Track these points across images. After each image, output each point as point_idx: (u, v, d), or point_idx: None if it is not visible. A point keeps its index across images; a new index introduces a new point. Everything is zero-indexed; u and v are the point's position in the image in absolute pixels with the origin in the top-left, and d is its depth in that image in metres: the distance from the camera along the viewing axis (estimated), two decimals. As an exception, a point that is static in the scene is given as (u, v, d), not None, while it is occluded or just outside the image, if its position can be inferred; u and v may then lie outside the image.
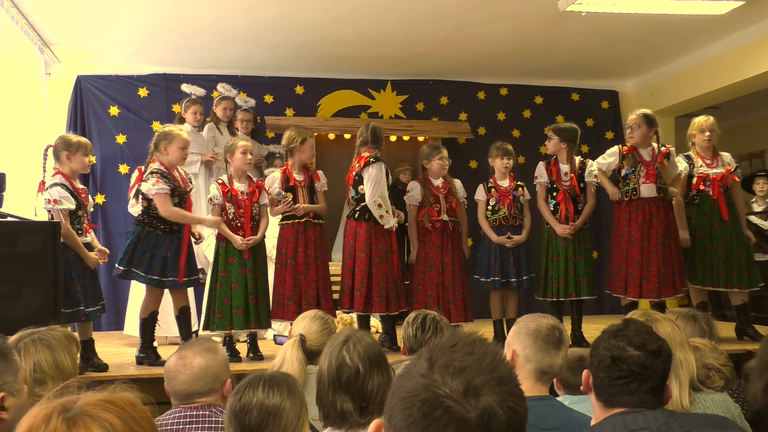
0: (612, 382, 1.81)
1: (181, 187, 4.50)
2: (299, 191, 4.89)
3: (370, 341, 2.10)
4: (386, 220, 4.92)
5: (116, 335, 6.05)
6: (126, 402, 1.09)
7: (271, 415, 1.90)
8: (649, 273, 4.87)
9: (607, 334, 1.90)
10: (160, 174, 4.40)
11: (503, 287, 5.19)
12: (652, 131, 5.01)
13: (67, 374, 2.30)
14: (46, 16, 5.82)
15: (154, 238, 4.41)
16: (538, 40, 6.58)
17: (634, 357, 1.81)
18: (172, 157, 4.46)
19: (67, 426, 1.02)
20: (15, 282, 3.74)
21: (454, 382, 0.93)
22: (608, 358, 1.83)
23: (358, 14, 5.86)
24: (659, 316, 2.29)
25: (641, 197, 4.96)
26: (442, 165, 5.17)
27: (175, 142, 4.45)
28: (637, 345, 1.83)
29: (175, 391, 2.28)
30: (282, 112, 7.38)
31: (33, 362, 2.22)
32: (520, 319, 2.44)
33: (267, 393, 1.93)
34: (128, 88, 7.14)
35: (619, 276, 5.00)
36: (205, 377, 2.27)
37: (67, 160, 4.31)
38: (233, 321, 4.64)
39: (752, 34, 6.44)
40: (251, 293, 4.66)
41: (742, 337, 5.05)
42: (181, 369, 2.27)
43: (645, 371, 1.81)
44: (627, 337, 1.85)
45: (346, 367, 2.01)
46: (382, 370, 2.04)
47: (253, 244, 4.69)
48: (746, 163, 9.62)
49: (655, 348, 1.84)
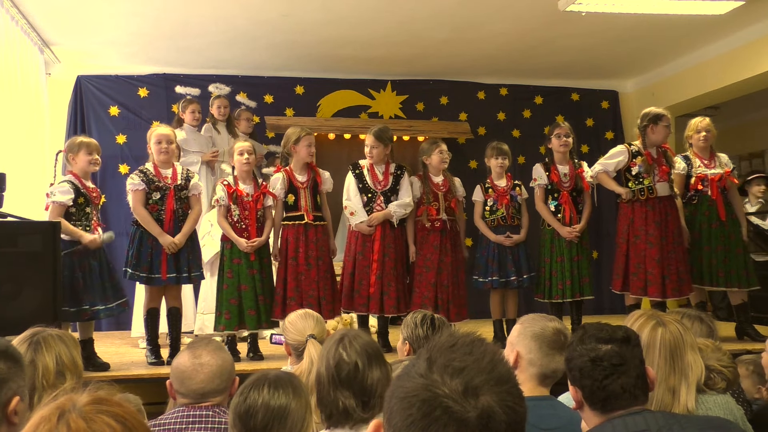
0: (601, 384, 1.81)
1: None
2: (302, 193, 4.88)
3: (366, 338, 2.11)
4: (352, 220, 4.95)
5: (117, 335, 6.05)
6: (116, 403, 1.09)
7: (277, 416, 1.89)
8: (671, 272, 4.88)
9: (573, 345, 1.90)
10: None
11: (502, 287, 5.19)
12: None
13: (80, 370, 2.36)
14: (46, 16, 5.82)
15: (139, 237, 4.50)
16: (538, 40, 6.57)
17: (608, 351, 1.82)
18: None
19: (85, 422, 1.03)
20: (15, 282, 3.74)
21: (453, 382, 0.93)
22: (587, 363, 1.83)
23: (358, 14, 5.86)
24: (669, 317, 2.27)
25: (658, 196, 4.96)
26: (441, 158, 5.14)
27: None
28: (605, 339, 1.85)
29: (190, 390, 2.25)
30: (282, 112, 7.38)
31: (55, 354, 2.26)
32: (523, 320, 2.41)
33: (272, 393, 1.92)
34: (128, 88, 7.14)
35: (638, 276, 4.94)
36: (221, 376, 2.27)
37: (73, 161, 4.42)
38: (246, 321, 4.66)
39: (752, 34, 6.44)
40: (260, 294, 4.69)
41: (742, 337, 5.05)
42: (198, 368, 2.24)
43: (624, 361, 1.81)
44: (592, 337, 1.87)
45: (345, 364, 2.00)
46: (380, 364, 2.04)
47: (258, 246, 4.70)
48: (746, 163, 9.62)
49: (622, 335, 1.86)
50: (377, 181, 5.01)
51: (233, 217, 4.73)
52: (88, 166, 4.42)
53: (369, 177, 5.01)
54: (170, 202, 4.51)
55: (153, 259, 4.47)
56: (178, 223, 4.54)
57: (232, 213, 4.74)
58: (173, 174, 4.59)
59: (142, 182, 4.48)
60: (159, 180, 4.53)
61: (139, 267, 4.46)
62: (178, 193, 4.56)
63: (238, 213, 4.73)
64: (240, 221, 4.72)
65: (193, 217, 4.62)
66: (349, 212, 5.01)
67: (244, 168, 4.81)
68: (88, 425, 1.03)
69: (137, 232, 4.52)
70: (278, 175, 4.93)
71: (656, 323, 2.19)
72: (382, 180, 5.02)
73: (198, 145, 6.13)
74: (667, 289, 4.88)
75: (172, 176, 4.58)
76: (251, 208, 4.73)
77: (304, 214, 4.85)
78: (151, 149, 4.58)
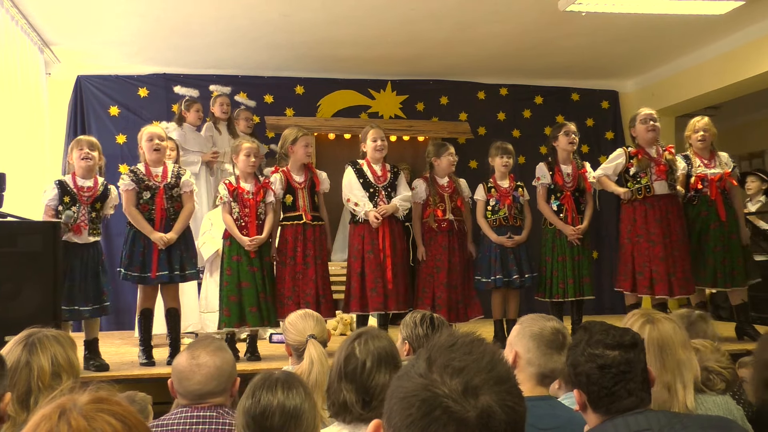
0: (610, 390, 1.79)
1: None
2: (299, 193, 4.89)
3: (385, 343, 2.10)
4: (358, 210, 4.92)
5: (117, 335, 6.05)
6: (116, 402, 1.09)
7: (293, 416, 1.89)
8: (676, 269, 4.88)
9: (578, 348, 1.87)
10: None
11: (504, 286, 5.20)
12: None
13: (77, 370, 2.34)
14: (46, 16, 5.82)
15: (132, 237, 4.51)
16: (538, 40, 6.58)
17: (617, 358, 1.80)
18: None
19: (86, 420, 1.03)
20: (15, 282, 3.74)
21: (453, 382, 0.93)
22: (595, 370, 1.81)
23: (358, 14, 5.86)
24: (660, 315, 2.27)
25: (656, 194, 4.96)
26: (450, 162, 5.17)
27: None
28: (613, 345, 1.82)
29: (188, 391, 2.23)
30: (282, 112, 7.38)
31: (50, 355, 2.25)
32: (522, 320, 2.41)
33: (287, 394, 1.91)
34: (128, 88, 7.14)
35: (644, 275, 4.93)
36: (219, 377, 2.24)
37: (71, 161, 4.47)
38: (248, 318, 4.65)
39: (752, 34, 6.44)
40: (261, 291, 4.69)
41: (742, 337, 5.05)
42: (196, 369, 2.23)
43: (632, 367, 1.80)
44: (599, 342, 1.84)
45: (354, 359, 2.02)
46: (390, 369, 2.03)
47: (259, 243, 4.70)
48: (746, 163, 9.62)
49: (629, 340, 1.83)
50: (377, 176, 5.02)
51: (233, 215, 4.74)
52: (80, 161, 4.40)
53: (369, 173, 5.02)
54: (160, 201, 4.50)
55: (145, 258, 4.46)
56: (170, 222, 4.53)
57: (232, 211, 4.74)
58: (164, 172, 4.58)
59: (132, 182, 4.49)
60: (149, 179, 4.52)
61: (131, 267, 4.46)
62: (168, 191, 4.55)
63: (238, 211, 4.73)
64: (240, 218, 4.73)
65: (185, 214, 4.60)
66: (353, 204, 4.96)
67: (248, 170, 4.81)
68: (88, 423, 1.03)
69: (130, 232, 4.52)
70: (276, 175, 4.93)
71: (645, 321, 2.21)
72: (381, 175, 5.03)
73: (198, 145, 6.14)
74: (674, 287, 4.88)
75: (162, 175, 4.57)
76: (252, 206, 4.73)
77: (302, 213, 4.85)
78: (143, 148, 4.57)
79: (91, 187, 4.43)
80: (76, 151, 4.41)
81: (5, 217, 4.00)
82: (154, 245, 4.45)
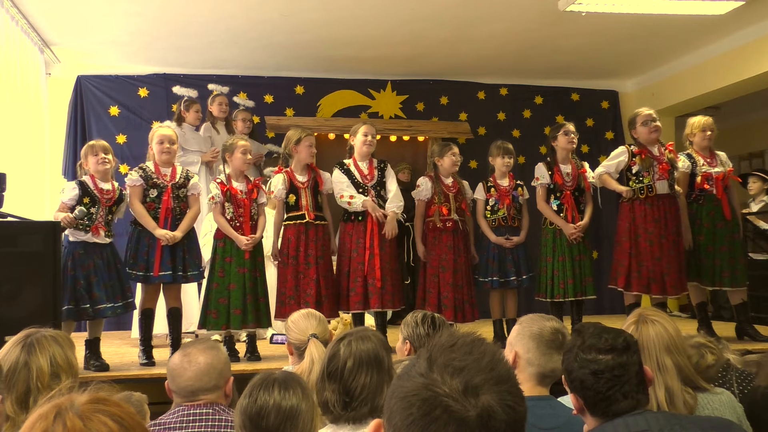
0: (604, 395, 1.79)
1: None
2: (302, 192, 4.88)
3: (370, 345, 2.07)
4: (354, 202, 4.90)
5: (117, 335, 6.04)
6: (114, 403, 1.09)
7: (289, 416, 1.89)
8: (670, 270, 4.88)
9: (571, 354, 1.86)
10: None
11: (502, 287, 5.20)
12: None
13: (76, 370, 2.35)
14: (46, 16, 5.82)
15: (137, 236, 4.53)
16: (538, 40, 6.58)
17: (609, 362, 1.79)
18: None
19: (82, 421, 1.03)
20: (15, 282, 3.74)
21: (453, 382, 0.93)
22: (589, 376, 1.80)
23: (358, 14, 5.86)
24: (652, 318, 2.25)
25: (657, 194, 4.96)
26: (453, 161, 5.17)
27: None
28: (605, 349, 1.81)
29: (180, 388, 2.28)
30: (282, 112, 7.38)
31: (49, 356, 2.25)
32: (522, 320, 2.42)
33: (283, 394, 1.92)
34: (128, 88, 7.14)
35: (640, 274, 4.94)
36: (210, 374, 2.28)
37: (86, 167, 4.52)
38: (230, 321, 4.63)
39: (752, 34, 6.44)
40: (249, 293, 4.66)
41: (742, 337, 5.05)
42: (186, 366, 2.27)
43: (625, 370, 1.79)
44: (591, 347, 1.83)
45: (336, 359, 2.02)
46: (372, 371, 2.01)
47: (254, 243, 4.70)
48: (746, 163, 9.63)
49: (622, 343, 1.82)
50: (364, 176, 5.01)
51: (227, 215, 4.72)
52: (97, 165, 4.46)
53: (356, 173, 5.01)
54: (167, 200, 4.53)
55: (149, 257, 4.48)
56: (176, 221, 4.54)
57: (225, 211, 4.73)
58: (173, 173, 4.62)
59: (140, 178, 4.53)
60: (158, 177, 4.55)
61: (135, 266, 4.49)
62: (176, 191, 4.57)
63: (232, 211, 4.72)
64: (234, 219, 4.72)
65: (191, 215, 4.63)
66: (347, 197, 4.92)
67: (244, 168, 4.81)
68: (84, 424, 1.02)
69: (135, 231, 4.55)
70: (279, 175, 4.93)
71: (633, 321, 2.21)
72: (368, 174, 5.02)
73: (197, 145, 6.15)
74: (667, 287, 4.89)
75: (171, 174, 4.61)
76: (245, 206, 4.73)
77: (305, 213, 4.84)
78: (153, 149, 4.61)
79: (110, 190, 4.51)
80: (91, 157, 4.45)
81: (5, 217, 4.01)
82: (158, 245, 4.45)
